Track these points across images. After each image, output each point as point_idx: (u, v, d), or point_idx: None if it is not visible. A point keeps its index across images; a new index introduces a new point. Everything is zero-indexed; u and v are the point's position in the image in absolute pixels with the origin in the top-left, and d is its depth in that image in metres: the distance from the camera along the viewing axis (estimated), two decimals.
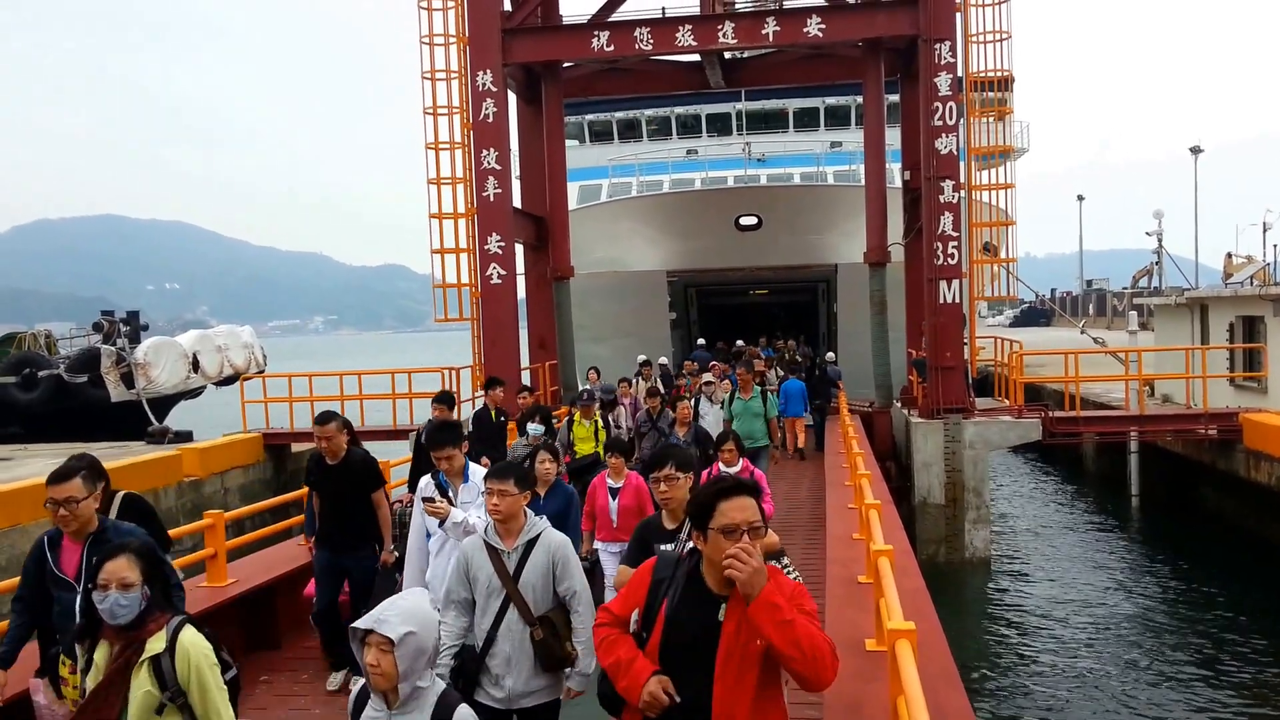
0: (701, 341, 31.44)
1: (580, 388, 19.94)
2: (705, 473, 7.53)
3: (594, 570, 7.91)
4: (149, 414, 25.82)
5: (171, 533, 7.96)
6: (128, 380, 27.02)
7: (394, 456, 17.04)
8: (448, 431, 6.92)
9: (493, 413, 13.06)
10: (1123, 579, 17.41)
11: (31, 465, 20.31)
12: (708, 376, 17.79)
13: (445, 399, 12.31)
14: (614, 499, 8.15)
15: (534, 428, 10.45)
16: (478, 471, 6.65)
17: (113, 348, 27.61)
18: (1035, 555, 19.30)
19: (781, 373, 21.45)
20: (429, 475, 6.71)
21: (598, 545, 8.30)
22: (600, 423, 11.98)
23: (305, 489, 11.40)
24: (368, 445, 24.28)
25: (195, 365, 28.58)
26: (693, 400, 14.83)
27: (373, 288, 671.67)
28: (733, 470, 8.25)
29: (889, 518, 10.29)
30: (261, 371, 30.25)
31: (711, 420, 15.12)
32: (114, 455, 20.27)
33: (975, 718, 5.61)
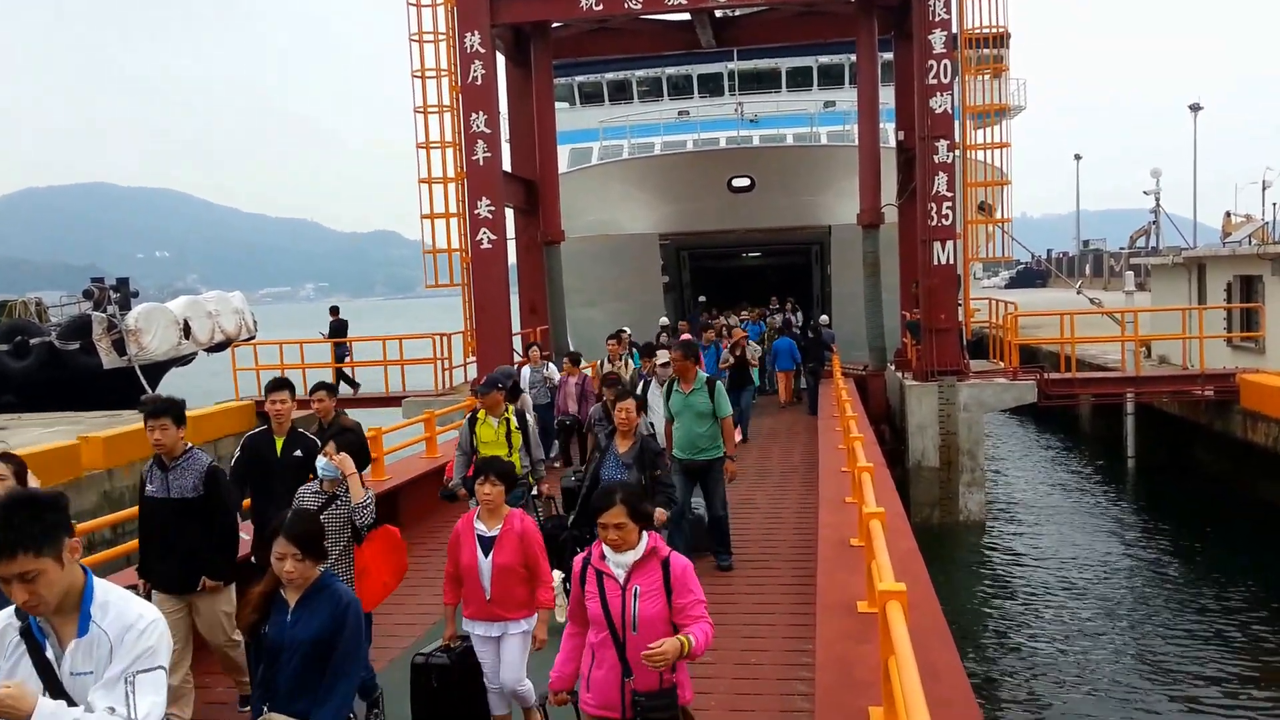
0: (703, 299, 31.31)
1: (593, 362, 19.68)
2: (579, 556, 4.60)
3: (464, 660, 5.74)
4: (142, 381, 25.75)
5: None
6: (119, 347, 27.01)
7: (386, 423, 17.02)
8: None
9: (277, 442, 7.58)
10: (1118, 541, 17.39)
11: (25, 434, 20.18)
12: (663, 356, 12.12)
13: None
14: (486, 556, 5.67)
15: (325, 468, 6.18)
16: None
17: (103, 315, 27.55)
18: (1030, 518, 19.27)
19: (758, 349, 21.47)
20: None
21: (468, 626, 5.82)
22: (514, 421, 9.04)
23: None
24: (357, 413, 24.26)
25: (186, 331, 28.52)
26: (641, 389, 11.20)
27: (364, 254, 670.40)
28: (621, 560, 4.33)
29: (882, 481, 10.21)
30: (252, 337, 30.17)
31: (659, 420, 10.53)
32: (104, 425, 20.17)
33: (965, 674, 5.55)
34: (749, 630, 7.81)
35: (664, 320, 23.19)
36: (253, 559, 6.89)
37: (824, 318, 24.06)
